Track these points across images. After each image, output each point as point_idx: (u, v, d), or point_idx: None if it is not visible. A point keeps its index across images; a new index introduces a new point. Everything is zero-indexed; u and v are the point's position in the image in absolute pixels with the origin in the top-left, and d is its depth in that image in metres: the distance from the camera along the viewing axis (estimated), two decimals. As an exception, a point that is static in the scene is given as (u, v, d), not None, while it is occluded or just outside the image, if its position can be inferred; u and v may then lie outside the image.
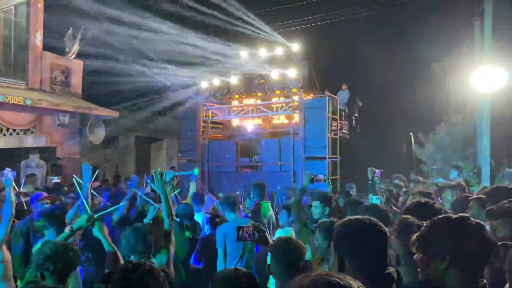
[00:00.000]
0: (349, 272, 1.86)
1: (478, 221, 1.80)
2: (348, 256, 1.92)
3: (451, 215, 1.93)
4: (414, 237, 1.87)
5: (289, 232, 4.91)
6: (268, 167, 12.66)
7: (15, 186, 5.13)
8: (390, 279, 2.00)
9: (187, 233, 4.87)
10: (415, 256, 1.85)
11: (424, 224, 1.89)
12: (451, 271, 1.73)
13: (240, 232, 3.10)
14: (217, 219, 5.47)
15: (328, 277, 1.32)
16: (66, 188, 7.68)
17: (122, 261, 3.22)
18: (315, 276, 1.36)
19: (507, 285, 2.17)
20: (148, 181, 5.43)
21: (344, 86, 15.14)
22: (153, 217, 4.61)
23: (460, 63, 12.46)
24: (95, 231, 3.29)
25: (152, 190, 6.30)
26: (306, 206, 5.44)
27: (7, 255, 4.08)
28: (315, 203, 4.84)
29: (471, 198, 4.18)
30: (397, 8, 14.81)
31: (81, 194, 3.74)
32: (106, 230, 3.36)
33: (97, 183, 7.46)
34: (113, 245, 3.28)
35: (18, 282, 4.20)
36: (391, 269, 2.06)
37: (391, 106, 16.43)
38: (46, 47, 11.84)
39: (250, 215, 5.74)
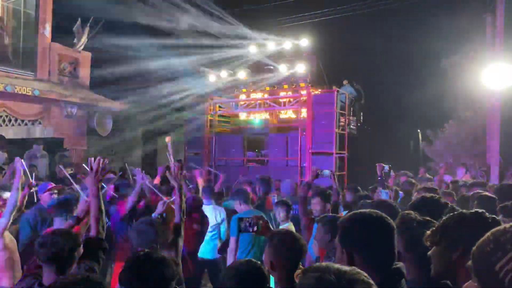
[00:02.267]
0: (358, 266, 1.83)
1: (493, 216, 1.78)
2: (355, 250, 1.89)
3: (466, 211, 1.89)
4: (429, 231, 1.84)
5: (288, 226, 4.87)
6: (275, 162, 12.63)
7: (29, 176, 5.14)
8: (399, 274, 1.97)
9: (195, 226, 4.87)
10: (429, 252, 1.82)
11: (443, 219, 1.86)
12: (463, 262, 1.70)
13: (242, 224, 3.06)
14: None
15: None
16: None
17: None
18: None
19: None
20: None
21: (345, 82, 14.96)
22: (161, 212, 4.59)
23: (470, 59, 12.33)
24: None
25: (162, 184, 6.28)
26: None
27: (11, 243, 4.07)
28: (315, 200, 4.77)
29: (475, 196, 4.13)
30: (407, 3, 14.67)
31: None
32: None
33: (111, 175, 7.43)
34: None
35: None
36: (400, 264, 2.03)
37: (399, 102, 16.31)
38: (55, 38, 11.85)
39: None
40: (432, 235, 1.82)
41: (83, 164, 3.69)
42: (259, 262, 2.46)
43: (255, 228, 3.05)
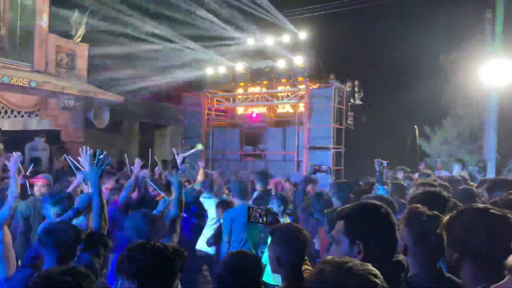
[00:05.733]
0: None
1: (498, 213, 1.74)
2: (360, 240, 1.88)
3: (466, 207, 1.87)
4: (445, 220, 1.84)
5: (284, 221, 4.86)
6: (272, 156, 12.62)
7: (21, 169, 5.12)
8: (400, 267, 1.97)
9: (193, 219, 4.85)
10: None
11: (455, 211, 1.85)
12: (464, 262, 1.70)
13: (251, 212, 3.00)
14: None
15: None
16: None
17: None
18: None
19: None
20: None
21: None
22: (162, 210, 4.56)
23: (468, 56, 12.31)
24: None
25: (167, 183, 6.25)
26: (311, 196, 5.38)
27: (8, 235, 4.08)
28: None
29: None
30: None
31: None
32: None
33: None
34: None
35: (19, 263, 4.20)
36: (401, 257, 2.02)
37: (397, 98, 16.31)
38: (52, 29, 11.76)
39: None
40: (444, 226, 1.82)
41: (78, 158, 3.64)
42: (253, 254, 2.44)
43: (265, 219, 2.98)
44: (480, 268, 1.66)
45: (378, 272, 1.33)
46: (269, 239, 2.74)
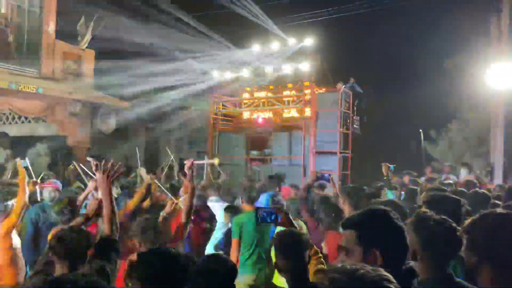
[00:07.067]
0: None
1: None
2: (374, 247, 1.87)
3: (502, 210, 1.87)
4: (466, 223, 1.84)
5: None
6: (278, 161, 12.60)
7: (33, 175, 5.16)
8: (411, 273, 1.95)
9: (204, 224, 4.84)
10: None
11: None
12: (482, 266, 1.69)
13: (260, 213, 2.89)
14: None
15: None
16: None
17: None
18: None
19: None
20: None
21: (352, 80, 14.80)
22: (169, 212, 4.55)
23: (474, 59, 12.28)
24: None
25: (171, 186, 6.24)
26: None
27: (17, 241, 4.10)
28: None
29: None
30: (411, 2, 14.63)
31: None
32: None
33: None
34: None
35: (28, 269, 4.21)
36: (411, 263, 2.01)
37: (402, 102, 16.27)
38: (59, 36, 11.85)
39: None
40: (464, 229, 1.82)
41: (89, 163, 3.65)
42: (227, 258, 2.45)
43: (273, 218, 2.88)
44: (498, 273, 1.66)
45: (391, 277, 1.32)
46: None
